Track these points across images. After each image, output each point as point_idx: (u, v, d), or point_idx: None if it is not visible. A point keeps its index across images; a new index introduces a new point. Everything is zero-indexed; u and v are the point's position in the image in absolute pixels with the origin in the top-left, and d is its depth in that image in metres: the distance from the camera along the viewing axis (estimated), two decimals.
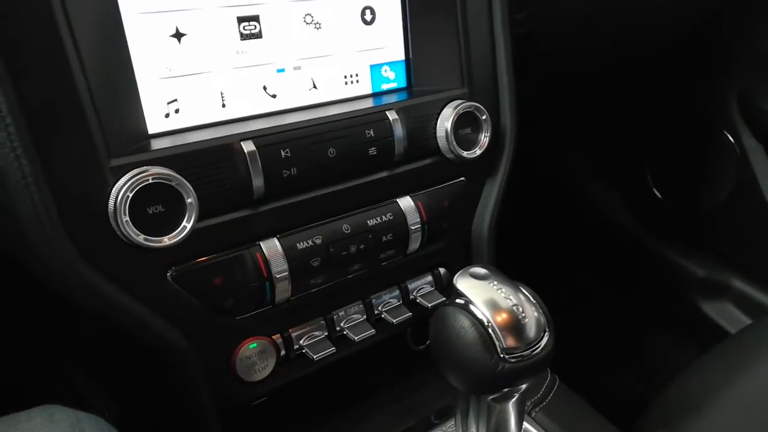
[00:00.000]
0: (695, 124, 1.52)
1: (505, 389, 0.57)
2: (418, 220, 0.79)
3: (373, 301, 0.82)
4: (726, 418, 0.86)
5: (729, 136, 1.44)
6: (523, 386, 0.58)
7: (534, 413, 0.78)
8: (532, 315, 0.54)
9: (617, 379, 1.47)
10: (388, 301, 0.83)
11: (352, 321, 0.80)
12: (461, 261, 0.63)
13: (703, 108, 1.49)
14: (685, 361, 1.00)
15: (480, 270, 0.57)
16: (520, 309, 0.54)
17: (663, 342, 1.59)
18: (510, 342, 0.53)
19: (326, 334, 0.78)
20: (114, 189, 0.57)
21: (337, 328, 0.79)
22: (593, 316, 1.62)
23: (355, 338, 0.77)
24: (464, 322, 0.53)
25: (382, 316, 0.82)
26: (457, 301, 0.55)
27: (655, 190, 1.66)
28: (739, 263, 1.51)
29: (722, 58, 1.43)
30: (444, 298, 0.84)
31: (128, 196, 0.57)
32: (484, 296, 0.54)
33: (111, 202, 0.57)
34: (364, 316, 0.81)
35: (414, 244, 0.80)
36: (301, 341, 0.76)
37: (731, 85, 1.42)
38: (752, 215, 1.44)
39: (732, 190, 1.46)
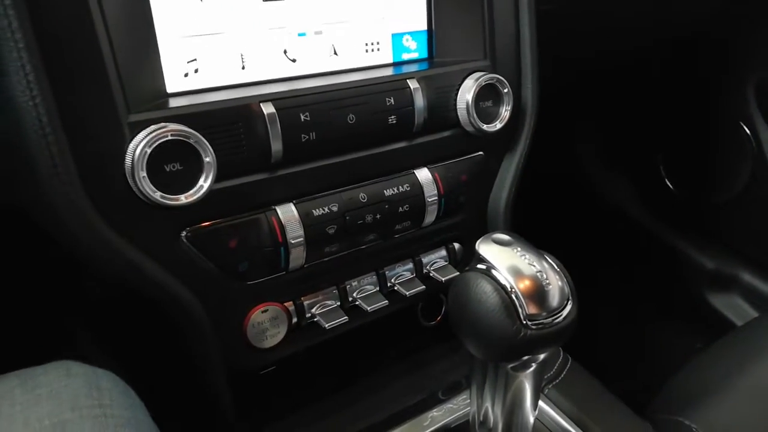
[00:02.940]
0: (711, 115, 1.51)
1: (525, 357, 0.56)
2: (435, 192, 0.78)
3: (387, 272, 0.81)
4: (734, 407, 0.86)
5: (745, 128, 1.43)
6: (542, 356, 0.57)
7: (547, 390, 0.77)
8: (556, 283, 0.53)
9: (624, 367, 1.46)
10: (401, 274, 0.82)
11: (365, 291, 0.79)
12: (476, 237, 0.62)
13: (719, 99, 1.48)
14: (691, 352, 0.99)
15: (503, 236, 0.56)
16: (544, 276, 0.53)
17: (670, 332, 1.58)
18: (533, 309, 0.52)
19: (339, 303, 0.77)
20: (132, 144, 0.56)
21: (350, 298, 0.78)
22: (601, 304, 1.61)
23: (368, 309, 0.77)
24: (486, 287, 0.52)
25: (395, 288, 0.81)
26: (479, 266, 0.54)
27: (667, 181, 1.65)
28: (749, 256, 1.50)
29: (740, 49, 1.42)
30: (458, 273, 0.83)
31: (146, 152, 0.56)
32: (508, 262, 0.53)
33: (128, 157, 0.56)
34: (377, 288, 0.80)
35: (430, 217, 0.79)
36: (314, 309, 0.75)
37: (749, 77, 1.41)
38: (766, 208, 1.43)
39: (746, 182, 1.45)
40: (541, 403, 0.76)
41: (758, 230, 1.47)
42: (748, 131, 1.42)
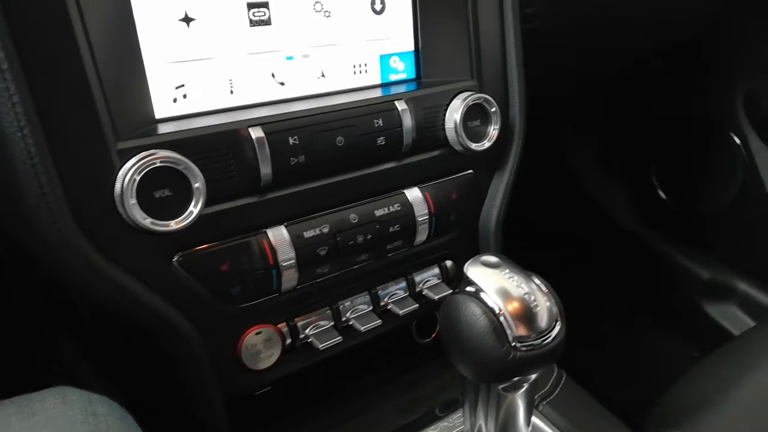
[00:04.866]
0: (701, 125, 1.52)
1: (516, 378, 0.56)
2: (426, 211, 0.79)
3: (380, 292, 0.81)
4: (731, 418, 0.85)
5: (735, 137, 1.43)
6: (533, 376, 0.57)
7: (541, 407, 0.77)
8: (544, 304, 0.53)
9: (619, 378, 1.46)
10: (394, 293, 0.82)
11: (358, 311, 0.79)
12: (468, 254, 0.62)
13: (709, 109, 1.49)
14: (688, 363, 0.99)
15: (491, 258, 0.56)
16: (532, 298, 0.53)
17: (666, 343, 1.58)
18: (521, 330, 0.52)
19: (332, 324, 0.77)
20: (121, 172, 0.57)
21: (343, 318, 0.78)
22: (596, 317, 1.61)
23: (362, 328, 0.77)
24: (475, 309, 0.52)
25: (389, 307, 0.81)
26: (468, 288, 0.55)
27: (660, 191, 1.66)
28: (744, 265, 1.51)
29: (729, 59, 1.43)
30: (451, 291, 0.83)
31: (135, 179, 0.56)
32: (496, 284, 0.53)
33: (118, 185, 0.57)
34: (371, 307, 0.80)
35: (421, 236, 0.80)
36: (307, 330, 0.75)
37: (738, 87, 1.41)
38: (757, 217, 1.43)
39: (737, 192, 1.46)
40: (535, 419, 0.76)
41: (750, 239, 1.48)
42: (738, 141, 1.43)
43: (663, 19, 1.28)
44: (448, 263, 0.87)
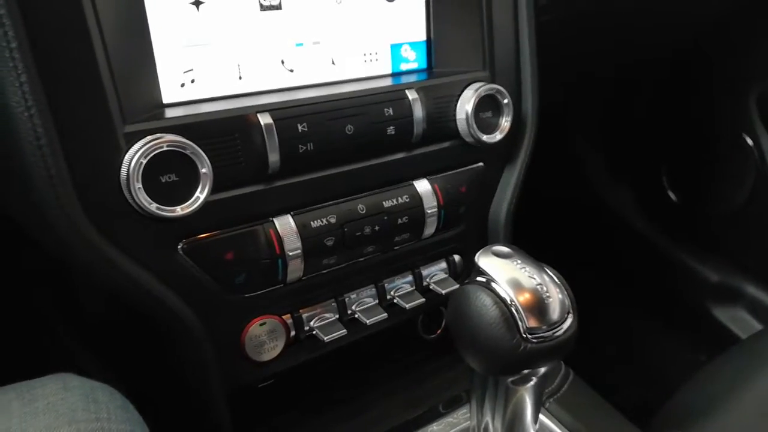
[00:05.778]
0: (713, 126, 1.51)
1: (525, 371, 0.55)
2: (435, 204, 0.78)
3: (386, 285, 0.80)
4: (739, 421, 0.85)
5: (748, 139, 1.42)
6: (543, 369, 0.56)
7: (548, 404, 0.76)
8: (556, 296, 0.52)
9: (626, 380, 1.45)
10: (400, 287, 0.81)
11: (364, 304, 0.78)
12: (476, 248, 0.61)
13: (721, 110, 1.47)
14: (696, 365, 0.98)
15: (503, 249, 0.55)
16: (545, 289, 0.52)
17: (674, 345, 1.57)
18: (533, 322, 0.51)
19: (337, 316, 0.76)
20: (127, 155, 0.56)
21: (349, 311, 0.77)
22: (604, 317, 1.60)
23: (367, 322, 0.76)
24: (486, 300, 0.51)
25: (395, 301, 0.80)
26: (479, 279, 0.54)
27: (670, 192, 1.65)
28: (754, 269, 1.49)
29: (742, 60, 1.41)
30: (458, 285, 0.82)
31: (141, 163, 0.55)
32: (508, 275, 0.52)
33: (124, 168, 0.56)
34: (377, 300, 0.79)
35: (429, 229, 0.79)
36: (312, 322, 0.74)
37: (751, 89, 1.40)
38: None
39: (749, 194, 1.45)
40: (541, 417, 0.75)
41: (761, 242, 1.46)
42: (750, 142, 1.42)
43: (674, 19, 1.27)
44: (456, 257, 0.86)
